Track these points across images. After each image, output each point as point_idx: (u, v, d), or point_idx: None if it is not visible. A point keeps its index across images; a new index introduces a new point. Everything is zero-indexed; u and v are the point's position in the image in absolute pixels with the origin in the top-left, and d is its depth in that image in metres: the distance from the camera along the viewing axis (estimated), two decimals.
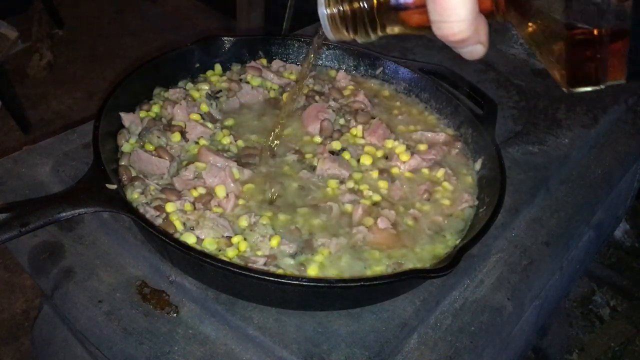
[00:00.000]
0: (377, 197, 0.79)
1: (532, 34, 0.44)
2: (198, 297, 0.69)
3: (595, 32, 0.39)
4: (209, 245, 0.68)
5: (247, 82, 0.96)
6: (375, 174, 0.82)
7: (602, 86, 0.42)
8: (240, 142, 0.85)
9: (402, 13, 0.47)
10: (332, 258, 0.70)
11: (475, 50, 0.45)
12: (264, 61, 1.01)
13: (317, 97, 0.95)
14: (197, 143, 0.83)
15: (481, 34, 0.44)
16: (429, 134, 0.91)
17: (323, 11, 0.51)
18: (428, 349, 0.68)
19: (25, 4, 2.85)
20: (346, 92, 0.98)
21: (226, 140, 0.85)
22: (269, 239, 0.69)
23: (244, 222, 0.72)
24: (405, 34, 0.49)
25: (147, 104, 0.88)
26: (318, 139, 0.88)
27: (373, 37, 0.51)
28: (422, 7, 0.44)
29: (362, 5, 0.49)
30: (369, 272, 0.69)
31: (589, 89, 0.43)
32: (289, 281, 0.61)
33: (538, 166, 0.95)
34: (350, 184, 0.80)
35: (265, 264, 0.67)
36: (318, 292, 0.65)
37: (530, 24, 0.43)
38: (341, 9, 0.50)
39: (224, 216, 0.73)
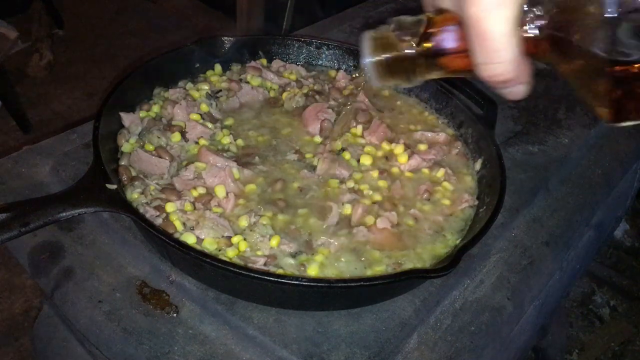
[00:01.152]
0: (377, 197, 0.79)
1: (574, 72, 0.44)
2: (198, 297, 0.69)
3: (637, 67, 0.40)
4: (209, 245, 0.68)
5: (247, 82, 0.96)
6: (375, 173, 0.82)
7: None
8: (240, 142, 0.85)
9: (445, 58, 0.48)
10: (332, 258, 0.70)
11: (518, 90, 0.46)
12: (264, 61, 1.01)
13: (317, 97, 0.95)
14: (197, 143, 0.83)
15: (524, 74, 0.45)
16: (429, 134, 0.91)
17: (368, 60, 0.52)
18: (428, 349, 0.68)
19: (25, 4, 2.85)
20: (346, 92, 0.98)
21: (226, 140, 0.85)
22: (269, 239, 0.69)
23: (244, 222, 0.72)
24: (446, 76, 0.50)
25: (147, 104, 0.88)
26: (318, 139, 0.88)
27: (417, 82, 0.52)
28: (466, 52, 0.45)
29: (406, 54, 0.49)
30: (369, 272, 0.69)
31: (632, 123, 0.43)
32: (289, 281, 0.61)
33: (538, 166, 0.95)
34: (351, 184, 0.80)
35: (265, 264, 0.67)
36: (318, 292, 0.65)
37: (571, 62, 0.44)
38: (386, 57, 0.51)
39: (224, 216, 0.73)
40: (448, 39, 0.47)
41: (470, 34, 0.43)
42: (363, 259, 0.70)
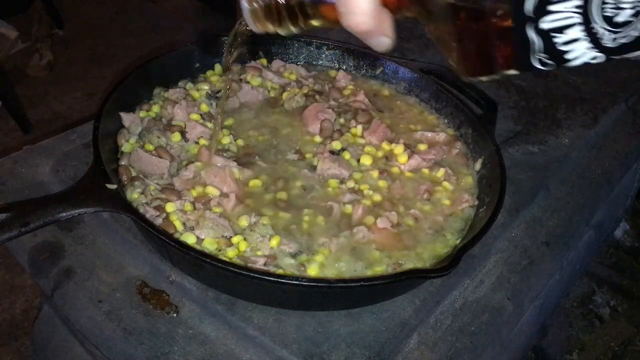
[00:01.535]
0: (377, 197, 0.79)
1: (434, 28, 0.46)
2: (198, 297, 0.69)
3: (476, 8, 0.41)
4: (209, 245, 0.68)
5: (247, 82, 0.96)
6: (375, 173, 0.82)
7: (497, 76, 0.44)
8: (240, 142, 0.85)
9: (317, 7, 0.50)
10: (333, 258, 0.70)
11: (382, 41, 0.49)
12: (264, 61, 1.01)
13: (317, 97, 0.95)
14: (197, 143, 0.83)
15: (385, 27, 0.47)
16: (429, 134, 0.91)
17: (245, 5, 0.54)
18: (428, 349, 0.68)
19: (25, 4, 2.85)
20: (346, 92, 0.98)
21: (226, 139, 0.85)
22: (269, 239, 0.69)
23: (244, 222, 0.72)
24: (323, 26, 0.52)
25: (147, 104, 0.88)
26: (318, 139, 0.88)
27: (294, 29, 0.54)
28: (334, 2, 0.48)
29: (281, 1, 0.52)
30: (369, 272, 0.69)
31: (485, 78, 0.44)
32: (289, 281, 0.61)
33: (538, 166, 0.95)
34: (351, 184, 0.80)
35: (265, 264, 0.67)
36: (318, 292, 0.65)
37: (429, 16, 0.45)
38: (262, 3, 0.53)
39: (224, 216, 0.73)
40: None
41: None
42: (363, 259, 0.70)
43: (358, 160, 0.84)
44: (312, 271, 0.68)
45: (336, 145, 0.85)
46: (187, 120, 0.85)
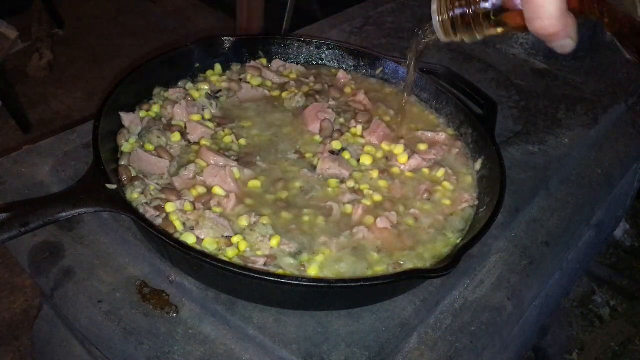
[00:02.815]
0: (377, 197, 0.79)
1: (618, 29, 0.49)
2: (198, 297, 0.69)
3: None
4: (209, 245, 0.68)
5: (247, 82, 0.96)
6: (375, 173, 0.82)
7: None
8: (242, 141, 0.85)
9: (503, 16, 0.55)
10: (333, 258, 0.70)
11: (566, 44, 0.52)
12: (264, 61, 1.01)
13: (317, 97, 0.95)
14: (197, 143, 0.83)
15: (570, 29, 0.51)
16: (429, 134, 0.91)
17: (436, 18, 0.60)
18: (428, 349, 0.68)
19: (25, 4, 2.85)
20: (346, 92, 0.98)
21: (228, 139, 0.85)
22: (269, 239, 0.69)
23: (244, 222, 0.72)
24: (505, 33, 0.57)
25: (147, 104, 0.88)
26: (318, 139, 0.88)
27: (479, 37, 0.59)
28: (520, 9, 0.52)
29: (470, 12, 0.56)
30: (369, 272, 0.69)
31: None
32: (289, 281, 0.61)
33: (538, 166, 0.95)
34: (351, 184, 0.80)
35: (265, 264, 0.67)
36: (318, 292, 0.65)
37: (613, 19, 0.48)
38: (452, 15, 0.58)
39: (224, 216, 0.73)
40: None
41: None
42: (363, 259, 0.70)
43: (358, 160, 0.84)
44: (312, 271, 0.68)
45: (336, 145, 0.85)
46: (187, 121, 0.86)
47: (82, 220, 0.79)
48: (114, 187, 0.68)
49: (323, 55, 1.04)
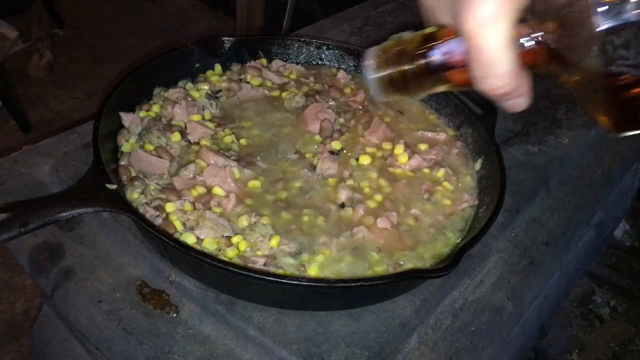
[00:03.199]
0: (377, 197, 0.79)
1: (573, 83, 0.45)
2: (198, 297, 0.69)
3: (632, 79, 0.40)
4: (209, 245, 0.68)
5: (247, 82, 0.96)
6: (375, 173, 0.82)
7: None
8: (242, 141, 0.85)
9: (446, 73, 0.49)
10: (333, 258, 0.70)
11: (518, 102, 0.46)
12: (264, 61, 1.01)
13: (317, 97, 0.95)
14: (197, 143, 0.83)
15: (523, 87, 0.45)
16: (429, 134, 0.91)
17: (372, 76, 0.53)
18: (428, 349, 0.68)
19: (25, 4, 2.85)
20: (346, 92, 0.98)
21: (228, 139, 0.85)
22: (269, 239, 0.69)
23: (244, 221, 0.72)
24: (450, 90, 0.51)
25: (147, 104, 0.88)
26: (318, 139, 0.88)
27: (420, 96, 0.53)
28: (465, 66, 0.46)
29: (408, 70, 0.51)
30: (369, 272, 0.69)
31: (633, 132, 0.44)
32: (289, 281, 0.61)
33: (538, 166, 0.95)
34: (351, 184, 0.80)
35: (265, 264, 0.67)
36: (318, 292, 0.65)
37: (569, 74, 0.44)
38: (389, 73, 0.52)
39: (224, 216, 0.73)
40: (447, 54, 0.48)
41: (467, 49, 0.44)
42: (363, 259, 0.70)
43: (357, 160, 0.84)
44: (312, 271, 0.68)
45: (336, 145, 0.85)
46: (187, 121, 0.86)
47: (82, 220, 0.79)
48: (114, 187, 0.68)
49: (323, 55, 1.04)
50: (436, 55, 0.49)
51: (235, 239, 0.70)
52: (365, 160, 0.84)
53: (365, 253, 0.71)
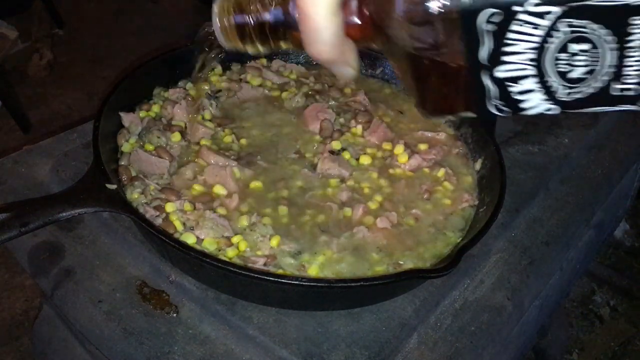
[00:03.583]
0: (377, 197, 0.79)
1: (393, 62, 0.46)
2: (198, 297, 0.69)
3: (432, 60, 0.41)
4: (209, 245, 0.68)
5: (247, 82, 0.96)
6: (375, 173, 0.82)
7: (456, 117, 0.44)
8: (242, 141, 0.85)
9: (285, 31, 0.50)
10: (333, 258, 0.70)
11: (345, 71, 0.49)
12: (264, 61, 1.01)
13: (317, 97, 0.95)
14: (198, 143, 0.83)
15: (348, 57, 0.48)
16: (430, 134, 0.91)
17: (216, 22, 0.53)
18: (428, 349, 0.68)
19: (25, 4, 2.85)
20: (346, 92, 0.98)
21: (228, 139, 0.85)
22: (269, 239, 0.69)
23: (244, 221, 0.72)
24: (290, 49, 0.52)
25: (147, 104, 0.88)
26: (318, 139, 0.88)
27: (262, 49, 0.53)
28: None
29: (252, 22, 0.51)
30: (369, 272, 0.69)
31: (443, 118, 0.45)
32: (289, 281, 0.61)
33: (538, 166, 0.95)
34: (351, 184, 0.80)
35: (265, 264, 0.67)
36: (318, 292, 0.65)
37: (390, 52, 0.45)
38: (234, 22, 0.52)
39: (224, 216, 0.73)
40: (286, 14, 0.49)
41: (297, 13, 0.46)
42: (363, 259, 0.70)
43: (358, 160, 0.84)
44: (312, 271, 0.68)
45: (336, 145, 0.85)
46: (187, 121, 0.85)
47: (82, 220, 0.79)
48: (114, 187, 0.68)
49: None
50: (277, 13, 0.50)
51: (235, 239, 0.69)
52: (365, 160, 0.84)
53: (366, 253, 0.71)
